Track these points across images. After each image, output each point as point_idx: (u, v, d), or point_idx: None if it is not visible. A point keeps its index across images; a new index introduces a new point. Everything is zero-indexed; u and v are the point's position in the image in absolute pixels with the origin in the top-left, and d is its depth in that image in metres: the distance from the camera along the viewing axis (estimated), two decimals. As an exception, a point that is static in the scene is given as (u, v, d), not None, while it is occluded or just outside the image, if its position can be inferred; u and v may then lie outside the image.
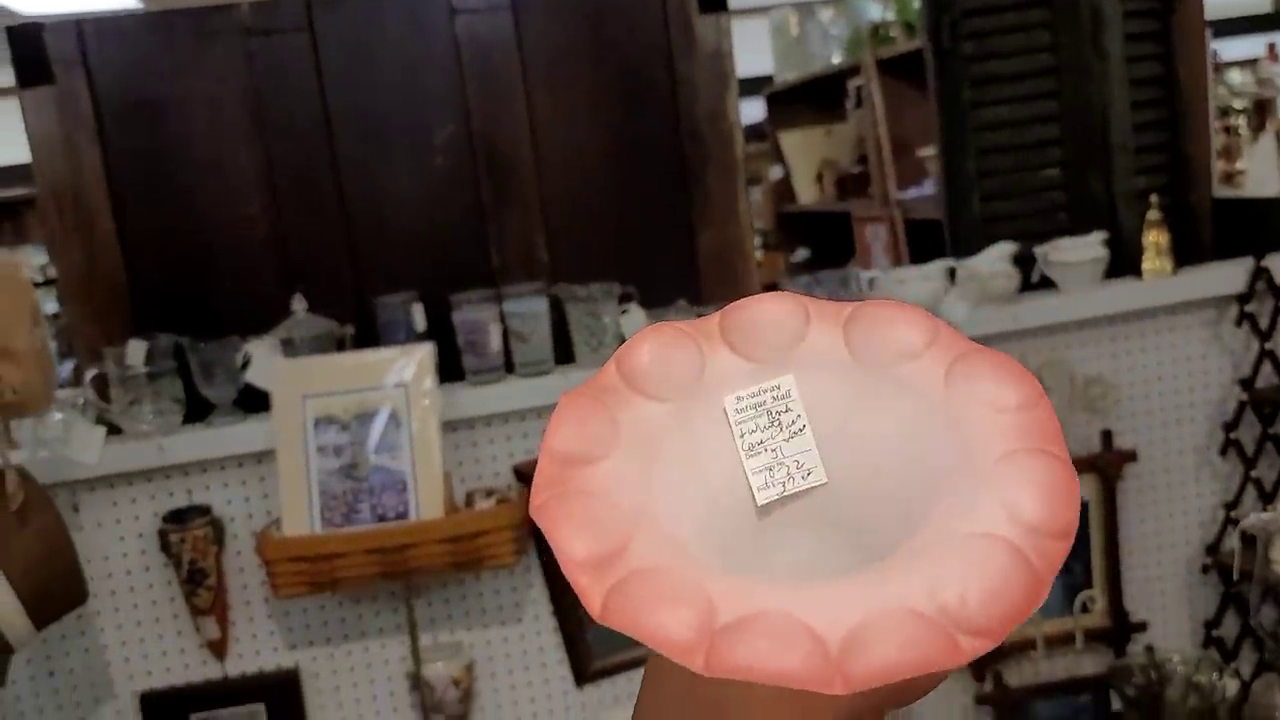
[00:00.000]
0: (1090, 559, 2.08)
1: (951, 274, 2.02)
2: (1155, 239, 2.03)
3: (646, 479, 0.37)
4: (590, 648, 1.95)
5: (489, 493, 1.86)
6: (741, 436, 0.40)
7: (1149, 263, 2.04)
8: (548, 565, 1.92)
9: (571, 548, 0.34)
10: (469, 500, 1.86)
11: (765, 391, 0.40)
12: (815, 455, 0.40)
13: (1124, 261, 2.08)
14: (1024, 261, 2.04)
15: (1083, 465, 2.05)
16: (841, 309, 0.41)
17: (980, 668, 2.06)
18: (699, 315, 0.46)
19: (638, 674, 1.50)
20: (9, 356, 1.45)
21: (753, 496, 0.40)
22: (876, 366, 0.40)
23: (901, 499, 0.37)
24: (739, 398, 0.40)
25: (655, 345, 0.41)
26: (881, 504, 0.38)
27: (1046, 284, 2.07)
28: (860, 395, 0.40)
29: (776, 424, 0.40)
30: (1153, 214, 2.03)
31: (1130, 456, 2.06)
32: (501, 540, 1.75)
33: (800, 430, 0.40)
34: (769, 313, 0.42)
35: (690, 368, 0.41)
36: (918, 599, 0.31)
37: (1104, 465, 2.05)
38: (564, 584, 1.93)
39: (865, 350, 0.40)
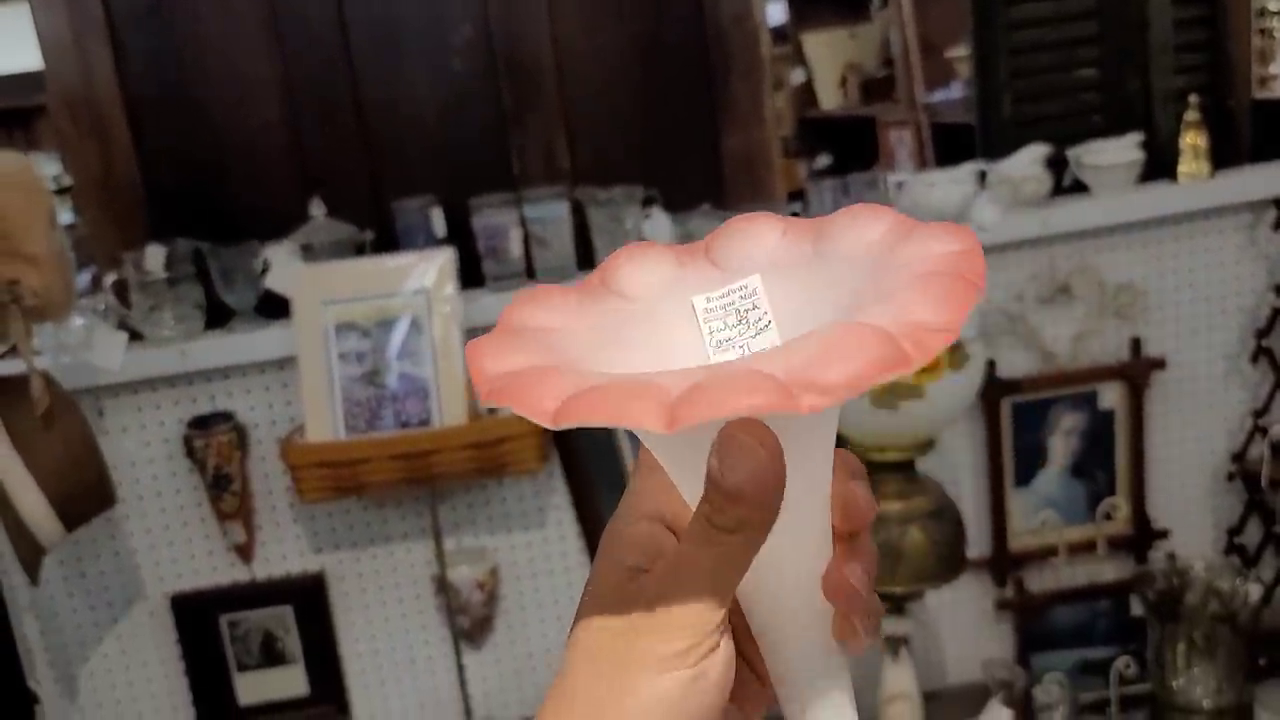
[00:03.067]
0: (1114, 467, 2.07)
1: (981, 177, 1.98)
2: (1193, 141, 1.97)
3: (598, 352, 0.39)
4: (613, 553, 1.97)
5: (511, 399, 1.85)
6: (710, 334, 0.41)
7: (1185, 166, 1.98)
8: (570, 472, 1.93)
9: (490, 363, 0.36)
10: (491, 407, 1.85)
11: (733, 292, 0.42)
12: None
13: (1159, 164, 2.02)
14: (1056, 165, 1.98)
15: (1110, 373, 2.03)
16: (815, 222, 0.43)
17: (1001, 574, 2.07)
18: (723, 219, 0.47)
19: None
20: (28, 260, 1.44)
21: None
22: (839, 259, 0.41)
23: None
24: (708, 298, 0.42)
25: (638, 255, 0.43)
26: None
27: (1079, 188, 2.02)
28: (819, 283, 0.41)
29: (744, 321, 0.41)
30: (1191, 115, 1.97)
31: (1159, 364, 2.03)
32: (524, 447, 1.75)
33: (766, 326, 0.41)
34: (749, 231, 0.43)
35: (667, 276, 0.43)
36: (769, 361, 0.33)
37: (1132, 373, 2.02)
38: (585, 491, 1.94)
39: (830, 249, 0.41)
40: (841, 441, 0.41)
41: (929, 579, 1.58)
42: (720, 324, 0.41)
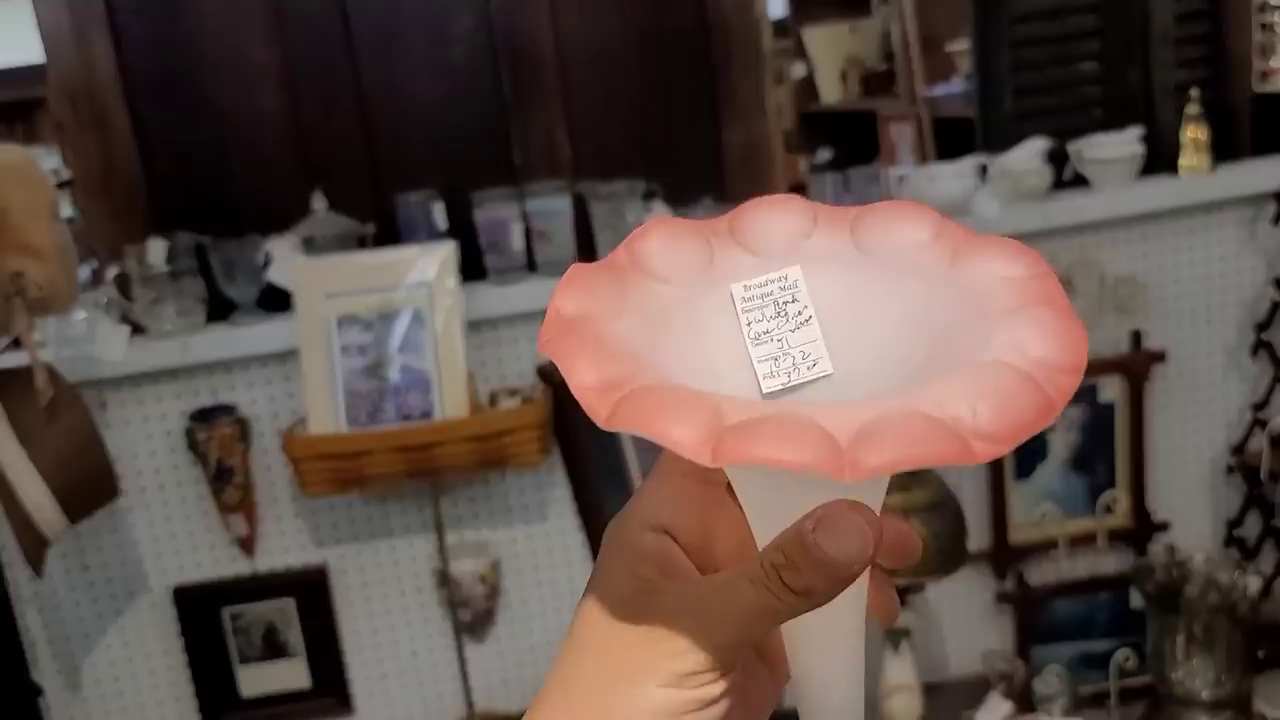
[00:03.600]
0: (1114, 460, 2.08)
1: (982, 171, 1.98)
2: (1194, 135, 1.98)
3: (653, 345, 0.37)
4: (614, 545, 1.97)
5: (513, 392, 1.86)
6: (748, 325, 0.40)
7: (1186, 159, 1.99)
8: (571, 465, 1.93)
9: (581, 372, 0.35)
10: (493, 400, 1.86)
11: (772, 282, 0.40)
12: (821, 346, 0.40)
13: (1160, 158, 2.02)
14: (1057, 158, 1.99)
15: (1110, 366, 2.03)
16: (848, 211, 0.41)
17: (1001, 566, 2.07)
18: (723, 213, 0.46)
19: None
20: (32, 252, 1.44)
21: (758, 385, 0.40)
22: (885, 261, 0.40)
23: (912, 362, 0.37)
24: (746, 286, 0.40)
25: (665, 232, 0.41)
26: (891, 376, 0.38)
27: (1079, 182, 2.02)
28: (866, 282, 0.40)
29: (783, 314, 0.40)
30: (1192, 108, 1.97)
31: (1159, 357, 2.04)
32: (526, 439, 1.75)
33: (807, 320, 0.40)
34: (778, 213, 0.42)
35: (699, 258, 0.41)
36: (928, 407, 0.32)
37: (1132, 366, 2.03)
38: (587, 484, 1.94)
39: (872, 245, 0.40)
40: None
41: (930, 572, 1.58)
42: (758, 314, 0.40)
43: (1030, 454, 2.05)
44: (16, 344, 1.65)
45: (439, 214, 1.88)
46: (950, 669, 2.12)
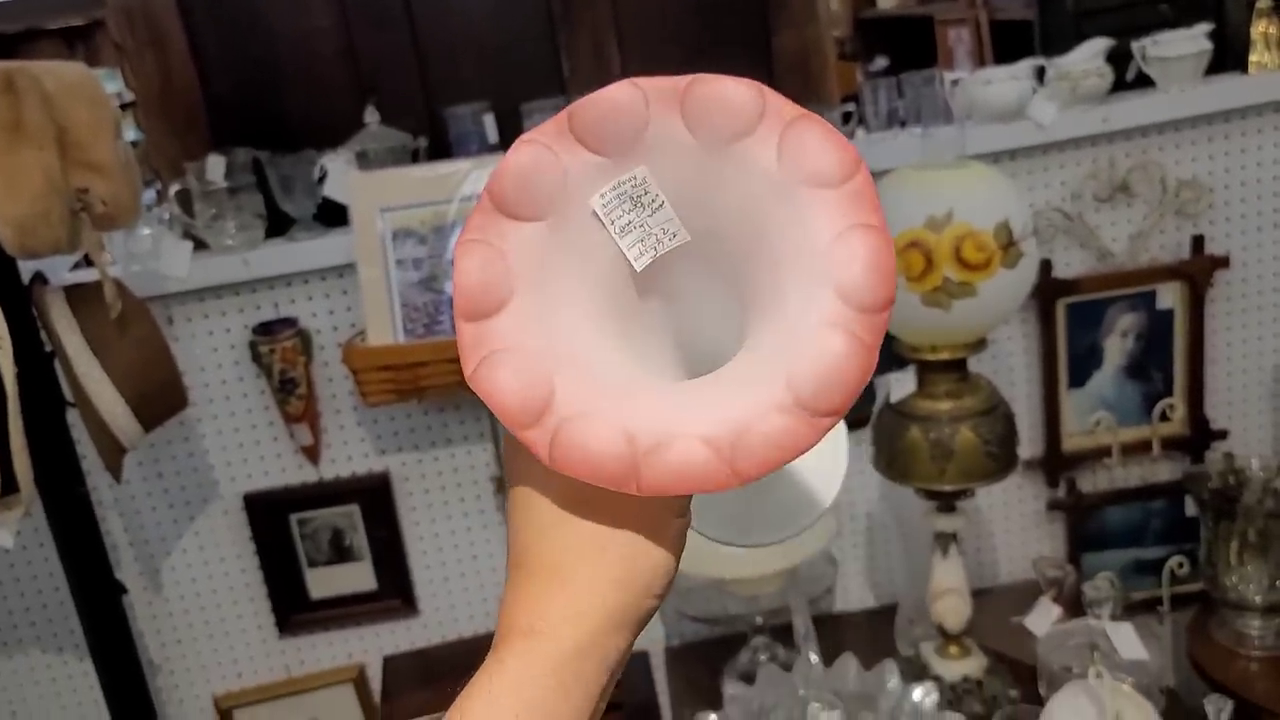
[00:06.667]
0: (1172, 367, 2.05)
1: (1040, 74, 1.93)
2: (1264, 30, 1.90)
3: (547, 309, 0.44)
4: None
5: (565, 303, 1.87)
6: (613, 224, 0.45)
7: (1256, 56, 1.92)
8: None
9: (509, 410, 0.42)
10: (546, 311, 1.88)
11: (624, 184, 0.45)
12: (677, 221, 0.46)
13: (1228, 56, 1.96)
14: (1119, 60, 1.93)
15: (1170, 273, 2.00)
16: (676, 84, 0.45)
17: (1053, 474, 2.07)
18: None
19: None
20: (95, 169, 1.48)
21: (632, 269, 0.46)
22: (716, 146, 0.44)
23: (751, 265, 0.43)
24: (603, 195, 0.45)
25: (516, 167, 0.45)
26: (735, 263, 0.44)
27: (1141, 83, 1.96)
28: (705, 174, 0.44)
29: (640, 205, 0.45)
30: (1263, 3, 1.90)
31: (1222, 263, 2.00)
32: (579, 349, 1.77)
33: (660, 205, 0.45)
34: (612, 102, 0.45)
35: (554, 179, 0.45)
36: (780, 395, 0.40)
37: (1192, 272, 1.99)
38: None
39: (704, 130, 0.44)
40: (890, 341, 0.47)
41: (979, 476, 1.59)
42: (619, 213, 0.45)
43: (1084, 362, 2.03)
44: (87, 261, 1.71)
45: (490, 126, 1.89)
46: (1001, 575, 2.14)
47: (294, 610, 2.02)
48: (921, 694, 1.58)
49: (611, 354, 0.44)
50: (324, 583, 2.02)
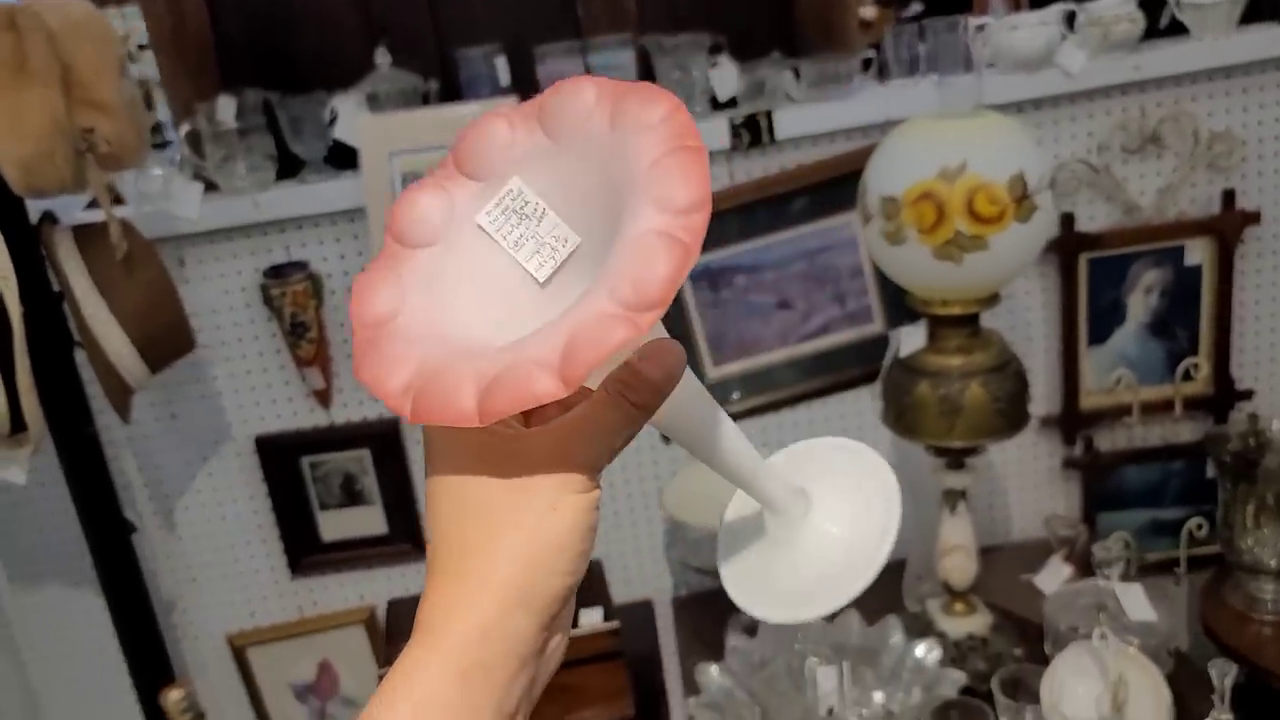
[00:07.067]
0: (1198, 325, 2.00)
1: (1070, 19, 1.87)
2: (1306, -24, 1.83)
3: (435, 305, 0.47)
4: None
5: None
6: (505, 239, 0.49)
7: (1296, 3, 1.84)
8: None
9: (386, 385, 0.45)
10: (556, 258, 1.86)
11: (504, 198, 0.48)
12: (563, 226, 0.48)
13: (1265, 4, 1.88)
14: (1152, 5, 1.86)
15: (1198, 227, 1.94)
16: (533, 106, 0.49)
17: (1070, 432, 2.04)
18: (793, 68, 0.54)
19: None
20: (100, 107, 1.47)
21: (535, 280, 0.49)
22: (571, 140, 0.48)
23: (609, 222, 0.46)
24: (487, 213, 0.49)
25: (412, 204, 0.50)
26: (607, 232, 0.46)
27: (1174, 31, 1.90)
28: (566, 167, 0.48)
29: (524, 217, 0.48)
30: (1306, -53, 1.82)
31: (1253, 218, 1.94)
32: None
33: (544, 213, 0.48)
34: (483, 136, 0.50)
35: (442, 210, 0.49)
36: (604, 303, 0.42)
37: (1222, 227, 1.93)
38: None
39: (559, 131, 0.48)
40: (900, 295, 0.46)
41: (988, 434, 1.57)
42: (508, 228, 0.48)
43: (1105, 318, 1.99)
44: (96, 203, 1.71)
45: (502, 69, 1.86)
46: (1014, 532, 2.11)
47: (306, 552, 2.04)
48: (924, 650, 1.57)
49: (490, 331, 0.47)
50: (335, 525, 2.04)
